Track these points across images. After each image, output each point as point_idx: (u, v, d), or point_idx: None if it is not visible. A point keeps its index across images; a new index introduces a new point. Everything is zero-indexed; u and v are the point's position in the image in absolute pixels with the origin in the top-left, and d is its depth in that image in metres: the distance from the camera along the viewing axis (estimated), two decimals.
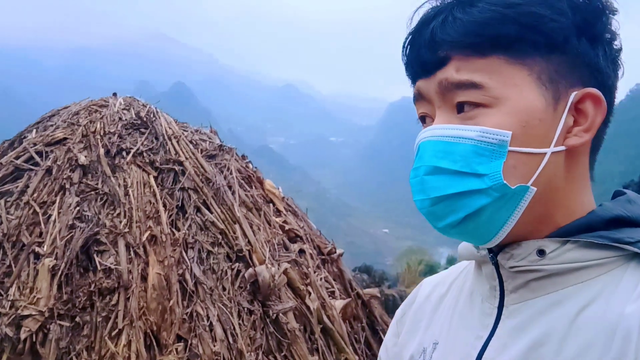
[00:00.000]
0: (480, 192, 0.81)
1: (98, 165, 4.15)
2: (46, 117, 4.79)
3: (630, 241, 0.80)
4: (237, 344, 3.61)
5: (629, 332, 0.73)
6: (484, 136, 0.81)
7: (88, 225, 3.78)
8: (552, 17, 0.82)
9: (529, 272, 0.86)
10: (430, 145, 0.85)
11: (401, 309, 1.20)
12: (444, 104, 0.86)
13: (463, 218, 0.83)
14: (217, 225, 4.05)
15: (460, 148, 0.82)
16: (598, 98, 0.85)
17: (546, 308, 0.83)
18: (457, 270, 1.14)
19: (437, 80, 0.85)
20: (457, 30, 0.83)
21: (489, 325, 0.90)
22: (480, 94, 0.82)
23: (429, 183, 0.84)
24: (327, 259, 4.93)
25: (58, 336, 3.36)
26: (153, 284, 3.61)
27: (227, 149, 4.78)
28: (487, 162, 0.81)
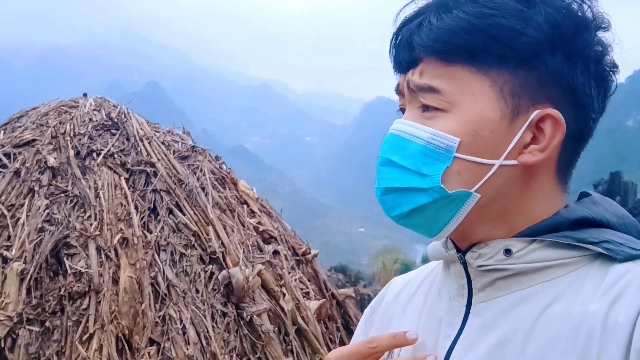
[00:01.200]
0: (422, 191, 0.84)
1: (68, 167, 4.08)
2: (14, 118, 4.70)
3: (594, 241, 0.82)
4: (210, 346, 3.59)
5: (592, 329, 0.74)
6: (433, 139, 0.84)
7: (58, 228, 3.72)
8: (524, 31, 0.81)
9: (496, 270, 0.87)
10: (390, 137, 0.89)
11: (370, 308, 1.21)
12: (412, 101, 0.90)
13: (408, 212, 0.87)
14: (190, 227, 4.02)
15: (412, 146, 0.85)
16: (557, 120, 0.84)
17: (512, 306, 0.84)
18: (427, 270, 1.15)
19: (406, 80, 0.89)
20: (428, 36, 0.84)
21: (456, 324, 0.91)
22: (437, 98, 0.85)
23: (381, 173, 0.89)
24: (301, 260, 4.93)
25: (27, 341, 3.30)
26: (125, 287, 3.57)
27: (200, 150, 4.75)
28: (432, 163, 0.84)
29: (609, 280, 0.78)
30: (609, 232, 0.85)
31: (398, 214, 0.88)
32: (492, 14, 0.81)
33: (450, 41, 0.83)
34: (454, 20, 0.83)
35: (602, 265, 0.81)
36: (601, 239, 0.82)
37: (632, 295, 0.74)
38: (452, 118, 0.84)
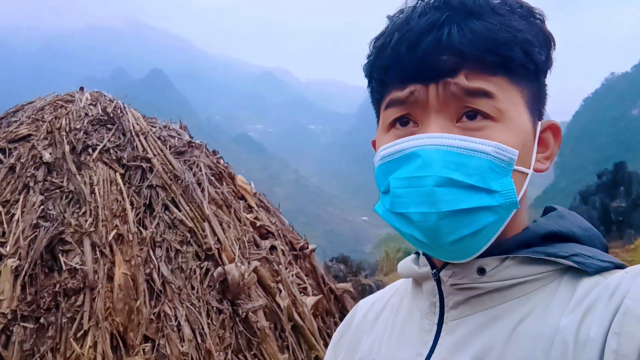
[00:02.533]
0: (489, 210, 0.80)
1: (63, 162, 4.06)
2: (10, 113, 4.67)
3: (564, 255, 0.83)
4: (205, 343, 3.58)
5: (565, 345, 0.74)
6: (499, 152, 0.81)
7: (53, 224, 3.71)
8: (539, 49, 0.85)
9: (469, 289, 0.87)
10: (438, 154, 0.80)
11: (338, 332, 1.20)
12: (444, 110, 0.84)
13: (466, 235, 0.81)
14: (186, 223, 4.00)
15: (476, 162, 0.80)
16: (558, 130, 0.91)
17: (485, 323, 0.84)
18: (393, 288, 1.15)
19: (443, 84, 0.83)
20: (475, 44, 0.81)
21: (428, 342, 0.90)
22: (490, 103, 0.82)
23: (440, 196, 0.79)
24: (299, 255, 4.91)
25: (22, 338, 3.29)
26: (119, 284, 3.56)
27: (197, 145, 4.72)
28: (498, 178, 0.80)
29: (579, 294, 0.79)
30: (577, 246, 0.86)
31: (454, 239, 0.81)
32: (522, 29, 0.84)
33: (502, 53, 0.82)
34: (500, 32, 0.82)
35: (571, 279, 0.82)
36: (571, 253, 0.84)
37: (602, 309, 0.75)
38: (504, 128, 0.82)
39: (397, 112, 0.89)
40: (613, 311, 0.73)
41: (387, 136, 0.91)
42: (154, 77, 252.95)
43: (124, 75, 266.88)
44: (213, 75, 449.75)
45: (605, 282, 0.78)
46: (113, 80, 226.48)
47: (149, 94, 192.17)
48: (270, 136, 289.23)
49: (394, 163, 0.85)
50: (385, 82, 0.90)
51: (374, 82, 0.94)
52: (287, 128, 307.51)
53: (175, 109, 28.54)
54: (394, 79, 0.88)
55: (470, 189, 0.79)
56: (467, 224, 0.80)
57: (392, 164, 0.86)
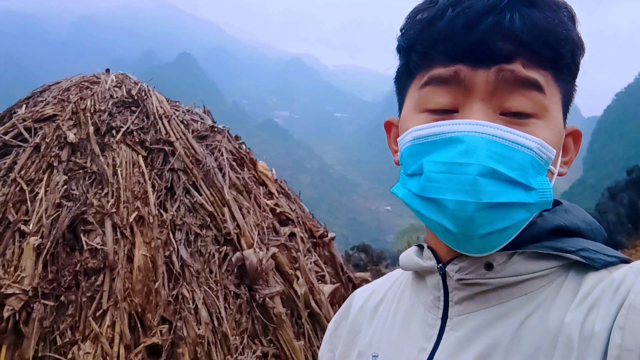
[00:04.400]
0: (524, 206, 0.78)
1: (87, 143, 4.10)
2: (36, 93, 4.73)
3: (572, 250, 0.82)
4: (222, 327, 3.61)
5: (570, 340, 0.74)
6: (541, 150, 0.79)
7: (75, 204, 3.76)
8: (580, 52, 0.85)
9: (476, 285, 0.86)
10: (483, 142, 0.77)
11: (334, 322, 1.18)
12: (490, 99, 0.80)
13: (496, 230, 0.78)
14: (206, 207, 4.02)
15: (520, 156, 0.77)
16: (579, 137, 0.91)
17: (492, 320, 0.83)
18: (391, 279, 1.13)
19: (497, 70, 0.79)
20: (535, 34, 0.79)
21: (432, 337, 0.89)
22: (540, 97, 0.80)
23: (482, 186, 0.75)
24: (318, 243, 4.91)
25: (42, 315, 3.35)
26: (139, 265, 3.59)
27: (219, 130, 4.73)
28: (536, 176, 0.78)
29: (585, 289, 0.78)
30: (583, 241, 0.86)
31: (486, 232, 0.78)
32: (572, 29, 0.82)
33: (556, 48, 0.81)
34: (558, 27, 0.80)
35: (576, 274, 0.82)
36: (578, 247, 0.83)
37: (607, 304, 0.74)
38: (545, 126, 0.81)
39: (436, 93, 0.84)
40: (617, 306, 0.73)
41: (420, 117, 0.86)
42: (182, 61, 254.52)
43: (153, 58, 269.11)
44: (241, 60, 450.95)
45: (610, 277, 0.78)
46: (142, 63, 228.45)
47: (177, 78, 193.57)
48: (296, 123, 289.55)
49: (430, 145, 0.81)
50: (430, 57, 0.84)
51: (414, 54, 0.87)
52: (313, 115, 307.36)
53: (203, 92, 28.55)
54: (442, 55, 0.82)
55: (510, 183, 0.76)
56: (501, 218, 0.77)
57: (428, 147, 0.81)
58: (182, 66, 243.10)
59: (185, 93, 27.39)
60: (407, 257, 1.00)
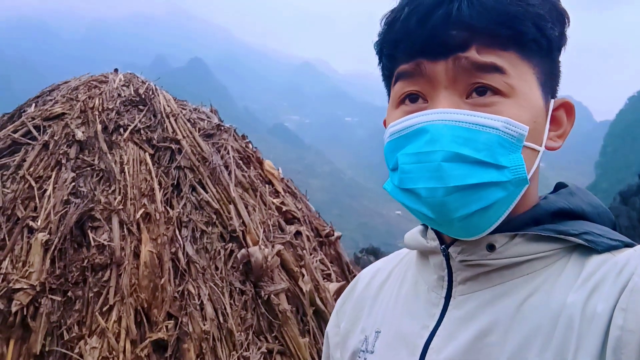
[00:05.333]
0: (498, 185, 0.79)
1: (95, 141, 4.15)
2: (46, 92, 4.79)
3: (574, 233, 0.82)
4: (227, 323, 3.62)
5: (571, 320, 0.75)
6: (508, 128, 0.80)
7: (83, 201, 3.79)
8: (552, 25, 0.84)
9: (478, 266, 0.87)
10: (446, 129, 0.79)
11: (341, 299, 1.21)
12: (453, 86, 0.83)
13: (475, 211, 0.80)
14: (212, 204, 4.05)
15: (484, 137, 0.79)
16: (572, 108, 0.90)
17: (493, 299, 0.84)
18: (397, 257, 1.14)
19: (454, 60, 0.82)
20: (486, 17, 0.80)
21: (435, 315, 0.91)
22: (501, 79, 0.81)
23: (447, 170, 0.78)
24: (324, 242, 4.92)
25: (49, 310, 3.38)
26: (145, 262, 3.62)
27: (226, 128, 4.76)
28: (508, 154, 0.79)
29: (588, 271, 0.79)
30: (587, 224, 0.86)
31: (462, 214, 0.80)
32: (534, 3, 0.82)
33: (511, 26, 0.81)
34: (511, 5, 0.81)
35: (580, 257, 0.82)
36: (581, 231, 0.83)
37: (610, 286, 0.75)
38: (514, 104, 0.81)
39: (405, 86, 0.88)
40: (620, 288, 0.73)
41: (396, 112, 0.90)
42: (193, 66, 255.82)
43: (165, 64, 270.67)
44: (252, 65, 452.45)
45: (614, 259, 0.78)
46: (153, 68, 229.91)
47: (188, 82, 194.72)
48: (307, 127, 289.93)
49: (403, 139, 0.84)
50: (395, 57, 0.89)
51: (384, 58, 0.93)
52: (324, 120, 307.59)
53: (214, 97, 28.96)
54: (403, 54, 0.87)
55: (478, 164, 0.78)
56: (476, 199, 0.79)
57: (401, 140, 0.85)
58: (193, 71, 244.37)
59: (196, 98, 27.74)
60: (412, 236, 1.01)
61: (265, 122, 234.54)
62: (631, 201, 22.64)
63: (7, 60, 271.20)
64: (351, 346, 1.08)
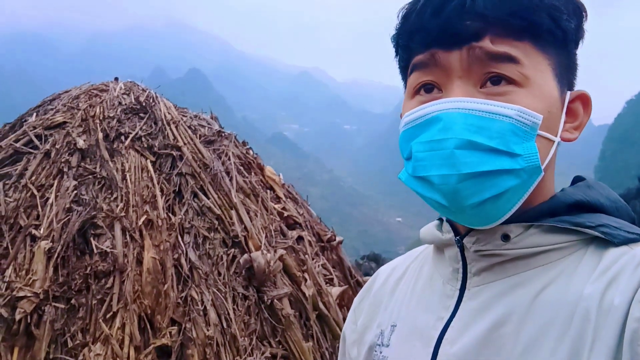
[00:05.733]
0: (511, 173, 0.80)
1: (96, 149, 4.16)
2: (47, 101, 4.82)
3: (591, 225, 0.82)
4: (231, 328, 3.62)
5: (588, 312, 0.74)
6: (521, 116, 0.80)
7: (85, 209, 3.80)
8: (568, 17, 0.84)
9: (493, 256, 0.87)
10: (460, 117, 0.80)
11: (358, 297, 1.22)
12: (467, 75, 0.84)
13: (487, 199, 0.81)
14: (214, 210, 4.06)
15: (498, 125, 0.80)
16: (588, 101, 0.90)
17: (507, 290, 0.84)
18: (414, 254, 1.15)
19: (468, 49, 0.83)
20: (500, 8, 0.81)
21: (450, 307, 0.91)
22: (515, 69, 0.82)
23: (460, 158, 0.79)
24: (326, 246, 4.93)
25: (53, 318, 3.39)
26: (148, 268, 3.63)
27: (226, 135, 4.78)
28: (521, 142, 0.80)
29: (605, 264, 0.78)
30: (604, 217, 0.85)
31: (476, 201, 0.81)
32: None
33: (524, 16, 0.82)
34: None
35: (597, 249, 0.82)
36: (598, 223, 0.82)
37: (627, 278, 0.74)
38: (529, 94, 0.82)
39: (420, 77, 0.89)
40: (638, 281, 0.73)
41: (411, 102, 0.91)
42: (192, 77, 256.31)
43: (163, 75, 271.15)
44: (250, 75, 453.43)
45: (632, 252, 0.78)
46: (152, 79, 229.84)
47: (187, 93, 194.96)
48: (306, 136, 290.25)
49: (417, 128, 0.86)
50: (410, 48, 0.90)
51: (399, 49, 0.95)
52: (323, 128, 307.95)
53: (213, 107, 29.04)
54: (418, 45, 0.88)
55: (491, 151, 0.79)
56: (489, 187, 0.80)
57: (416, 130, 0.86)
58: (191, 82, 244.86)
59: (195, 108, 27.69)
60: (428, 230, 1.02)
61: (264, 131, 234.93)
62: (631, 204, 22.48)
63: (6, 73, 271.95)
64: (368, 341, 1.09)
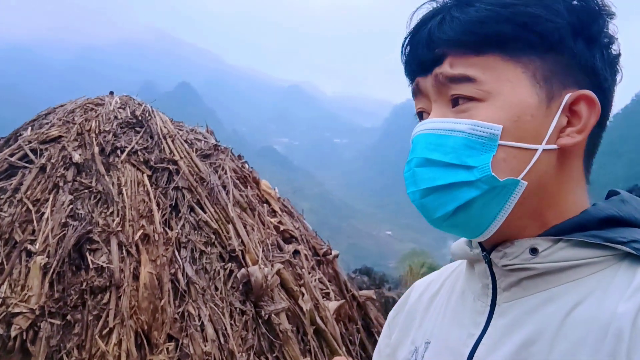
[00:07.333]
0: (469, 184, 0.81)
1: (92, 163, 4.14)
2: (42, 115, 4.79)
3: (622, 241, 0.80)
4: (228, 344, 3.60)
5: (621, 331, 0.73)
6: (474, 129, 0.82)
7: (81, 224, 3.78)
8: (548, 17, 0.83)
9: (521, 270, 0.86)
10: (423, 138, 0.86)
11: (393, 311, 1.21)
12: (439, 98, 0.87)
13: (454, 210, 0.83)
14: (211, 225, 4.04)
15: (452, 141, 0.83)
16: (592, 100, 0.85)
17: (538, 306, 0.83)
18: (449, 269, 1.14)
19: (434, 75, 0.86)
20: (453, 29, 0.84)
21: (480, 323, 0.90)
22: (473, 87, 0.83)
23: (419, 175, 0.85)
24: (322, 260, 4.92)
25: (49, 334, 3.35)
26: (145, 283, 3.60)
27: (222, 149, 4.78)
28: (477, 154, 0.81)
29: (638, 281, 0.77)
30: (638, 232, 0.83)
31: (442, 214, 0.85)
32: (515, 3, 0.83)
33: (479, 31, 0.83)
34: (480, 12, 0.83)
35: (630, 266, 0.80)
36: (630, 239, 0.80)
37: None
38: (490, 106, 0.83)
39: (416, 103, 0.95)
40: None
41: None
42: (182, 90, 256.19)
43: (153, 88, 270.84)
44: (240, 89, 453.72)
45: None
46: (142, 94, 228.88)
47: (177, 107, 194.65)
48: (295, 149, 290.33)
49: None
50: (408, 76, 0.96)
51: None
52: (312, 141, 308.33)
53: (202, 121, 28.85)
54: (409, 75, 0.95)
55: (447, 166, 0.83)
56: (451, 199, 0.83)
57: None
58: (181, 95, 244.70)
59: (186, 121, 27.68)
60: (458, 245, 1.01)
61: (254, 144, 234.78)
62: None
63: None
64: (400, 357, 1.08)
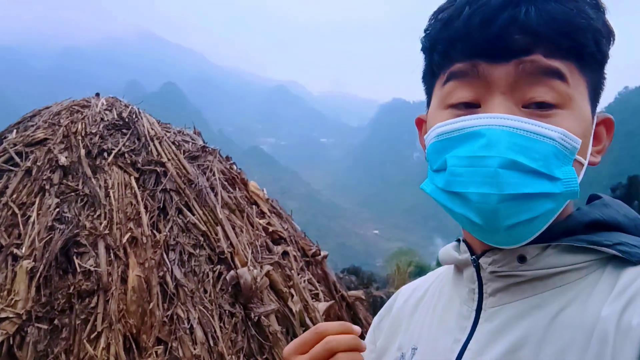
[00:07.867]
0: (549, 197, 0.77)
1: (79, 166, 4.11)
2: (27, 117, 4.74)
3: (608, 244, 0.80)
4: (218, 346, 3.58)
5: (606, 334, 0.73)
6: (564, 139, 0.78)
7: (68, 227, 3.74)
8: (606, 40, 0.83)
9: (509, 277, 0.85)
10: (505, 135, 0.77)
11: (378, 316, 1.19)
12: (510, 92, 0.81)
13: (522, 221, 0.78)
14: (199, 227, 4.02)
15: (542, 147, 0.77)
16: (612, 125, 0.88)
17: (525, 312, 0.83)
18: (434, 275, 1.14)
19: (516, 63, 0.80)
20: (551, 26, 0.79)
21: (466, 328, 0.89)
22: (562, 86, 0.80)
23: (504, 177, 0.76)
24: (311, 261, 4.91)
25: (36, 339, 3.32)
26: (133, 287, 3.58)
27: (210, 150, 4.75)
28: (561, 166, 0.78)
29: (622, 284, 0.77)
30: (621, 235, 0.84)
31: (512, 223, 0.78)
32: (594, 17, 0.81)
33: (575, 37, 0.80)
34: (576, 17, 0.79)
35: (614, 269, 0.80)
36: (615, 241, 0.81)
37: None
38: (570, 116, 0.80)
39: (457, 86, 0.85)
40: None
41: (443, 113, 0.87)
42: (167, 90, 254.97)
43: (138, 88, 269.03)
44: (226, 89, 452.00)
45: None
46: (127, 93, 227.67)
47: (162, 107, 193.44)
48: (282, 149, 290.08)
49: (452, 141, 0.83)
50: (449, 56, 0.86)
51: (436, 54, 0.89)
52: (299, 141, 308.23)
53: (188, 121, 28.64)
54: (460, 53, 0.84)
55: (533, 173, 0.76)
56: (526, 209, 0.77)
57: (450, 142, 0.83)
58: (166, 95, 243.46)
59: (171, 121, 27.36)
60: (446, 250, 1.01)
61: (241, 145, 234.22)
62: None
63: None
64: None
